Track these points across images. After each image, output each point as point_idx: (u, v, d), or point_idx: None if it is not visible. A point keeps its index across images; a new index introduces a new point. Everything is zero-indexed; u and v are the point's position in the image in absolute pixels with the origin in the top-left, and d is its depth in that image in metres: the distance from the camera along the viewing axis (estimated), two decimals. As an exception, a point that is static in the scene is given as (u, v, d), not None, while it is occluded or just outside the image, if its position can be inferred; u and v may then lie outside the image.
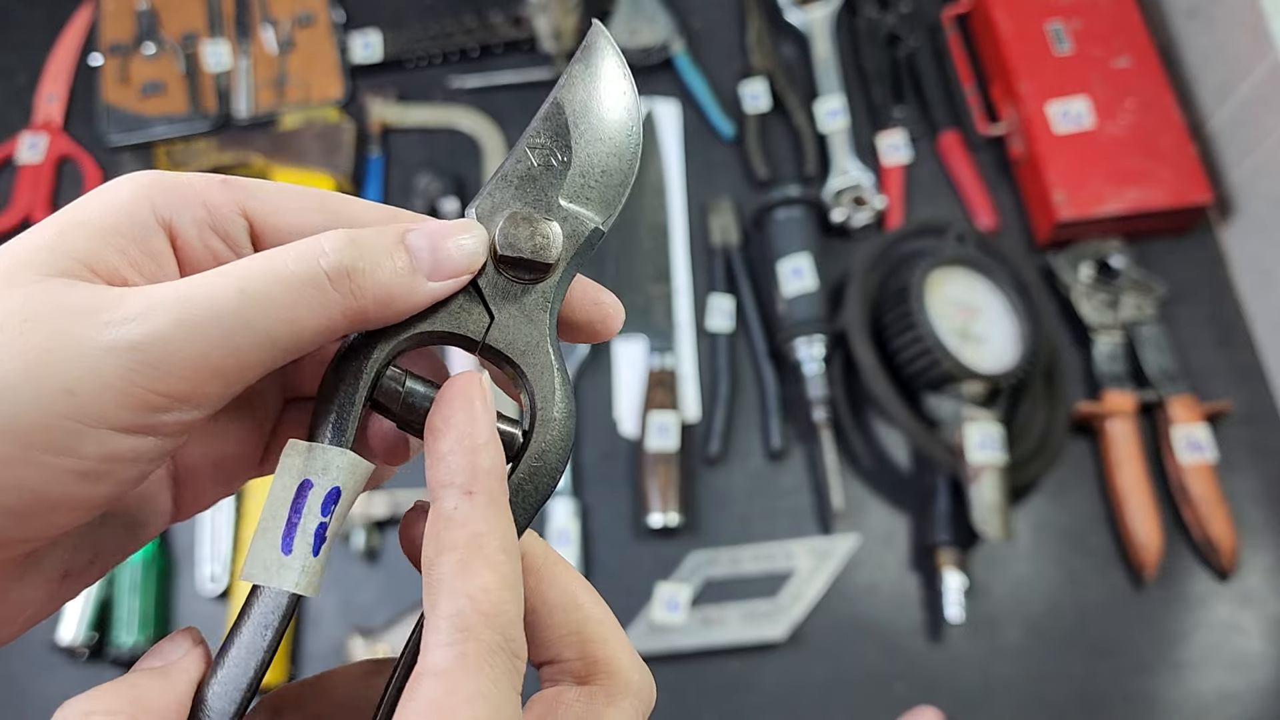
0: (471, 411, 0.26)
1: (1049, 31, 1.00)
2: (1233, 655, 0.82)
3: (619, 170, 0.31)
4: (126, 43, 1.08)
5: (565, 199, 0.30)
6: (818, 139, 1.02)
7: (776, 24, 1.08)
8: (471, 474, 0.25)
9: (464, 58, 1.08)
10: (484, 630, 0.24)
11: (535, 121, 0.31)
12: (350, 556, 0.87)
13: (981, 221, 0.98)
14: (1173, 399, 0.87)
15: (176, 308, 0.23)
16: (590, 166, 0.30)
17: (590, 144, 0.30)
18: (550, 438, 0.28)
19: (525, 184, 0.30)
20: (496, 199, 0.29)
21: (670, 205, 1.00)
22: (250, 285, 0.24)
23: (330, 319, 0.25)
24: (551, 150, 0.30)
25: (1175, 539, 0.85)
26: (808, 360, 0.89)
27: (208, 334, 0.23)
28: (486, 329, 0.28)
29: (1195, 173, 0.93)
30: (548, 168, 0.30)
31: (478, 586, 0.24)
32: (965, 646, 0.83)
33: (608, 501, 0.89)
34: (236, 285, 0.24)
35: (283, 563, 0.25)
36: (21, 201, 1.01)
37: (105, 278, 0.24)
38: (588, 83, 0.31)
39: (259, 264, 0.24)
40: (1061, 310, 0.94)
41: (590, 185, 0.30)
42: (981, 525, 0.80)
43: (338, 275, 0.25)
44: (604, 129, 0.31)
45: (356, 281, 0.25)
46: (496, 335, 0.28)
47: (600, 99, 0.31)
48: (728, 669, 0.83)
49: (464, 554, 0.24)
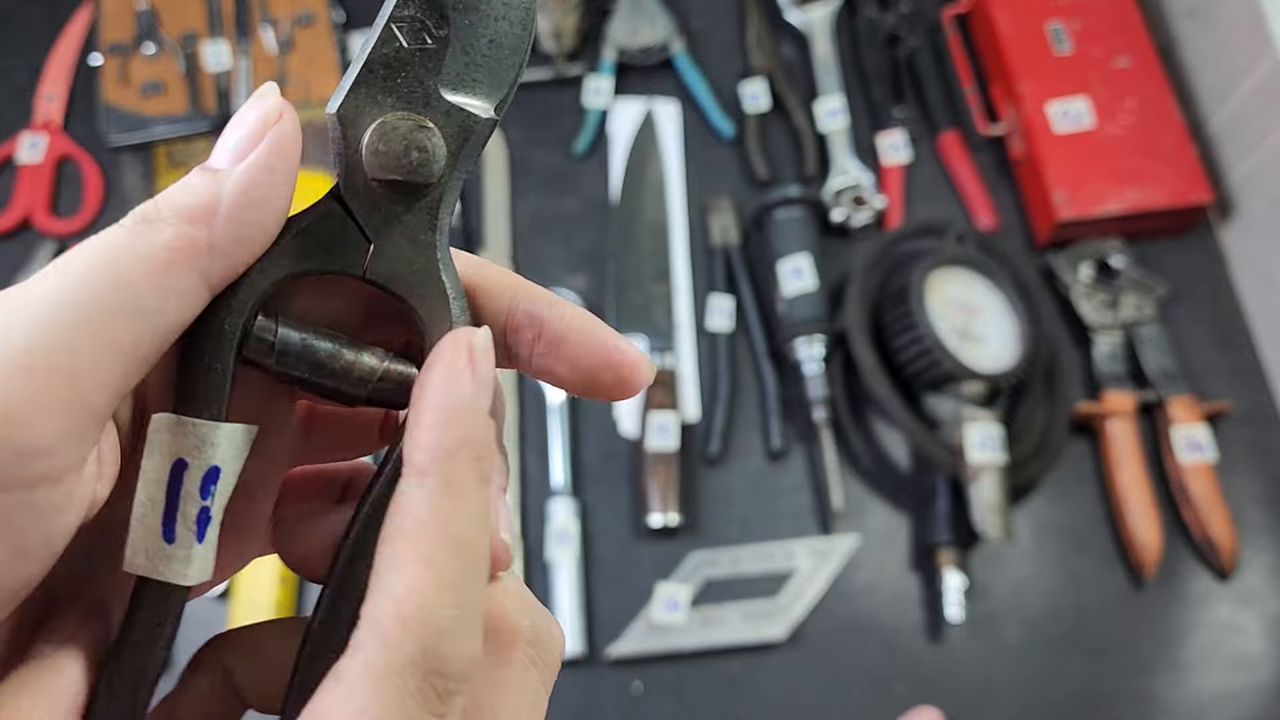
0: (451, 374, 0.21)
1: (1049, 31, 1.00)
2: (1232, 655, 0.82)
3: (510, 34, 0.25)
4: (126, 43, 1.08)
5: (447, 88, 0.24)
6: (817, 139, 1.02)
7: (776, 24, 1.08)
8: (432, 452, 0.21)
9: (464, 58, 1.08)
10: (400, 639, 0.19)
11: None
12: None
13: (981, 221, 0.98)
14: (1172, 399, 0.87)
15: None
16: (474, 38, 0.25)
17: (472, 8, 0.24)
18: None
19: (394, 72, 0.24)
20: (362, 97, 0.24)
21: (670, 205, 1.00)
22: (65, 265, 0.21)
23: (157, 261, 0.21)
24: (423, 22, 0.24)
25: (1175, 539, 0.85)
26: (808, 360, 0.89)
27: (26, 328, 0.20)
28: (367, 257, 0.24)
29: (1195, 173, 0.93)
30: (421, 48, 0.24)
31: (404, 585, 0.20)
32: (965, 646, 0.83)
33: (608, 501, 0.89)
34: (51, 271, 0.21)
35: (167, 552, 0.22)
36: (21, 201, 1.01)
37: None
38: None
39: (71, 253, 0.21)
40: (1061, 310, 0.94)
41: (476, 64, 0.25)
42: (981, 525, 0.80)
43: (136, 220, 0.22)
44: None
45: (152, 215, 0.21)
46: (377, 266, 0.24)
47: None
48: (728, 669, 0.83)
49: (402, 546, 0.20)
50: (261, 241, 0.23)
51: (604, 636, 0.84)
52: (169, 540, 0.22)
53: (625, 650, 0.83)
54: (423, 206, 0.24)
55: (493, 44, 0.25)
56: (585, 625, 0.83)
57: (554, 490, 0.88)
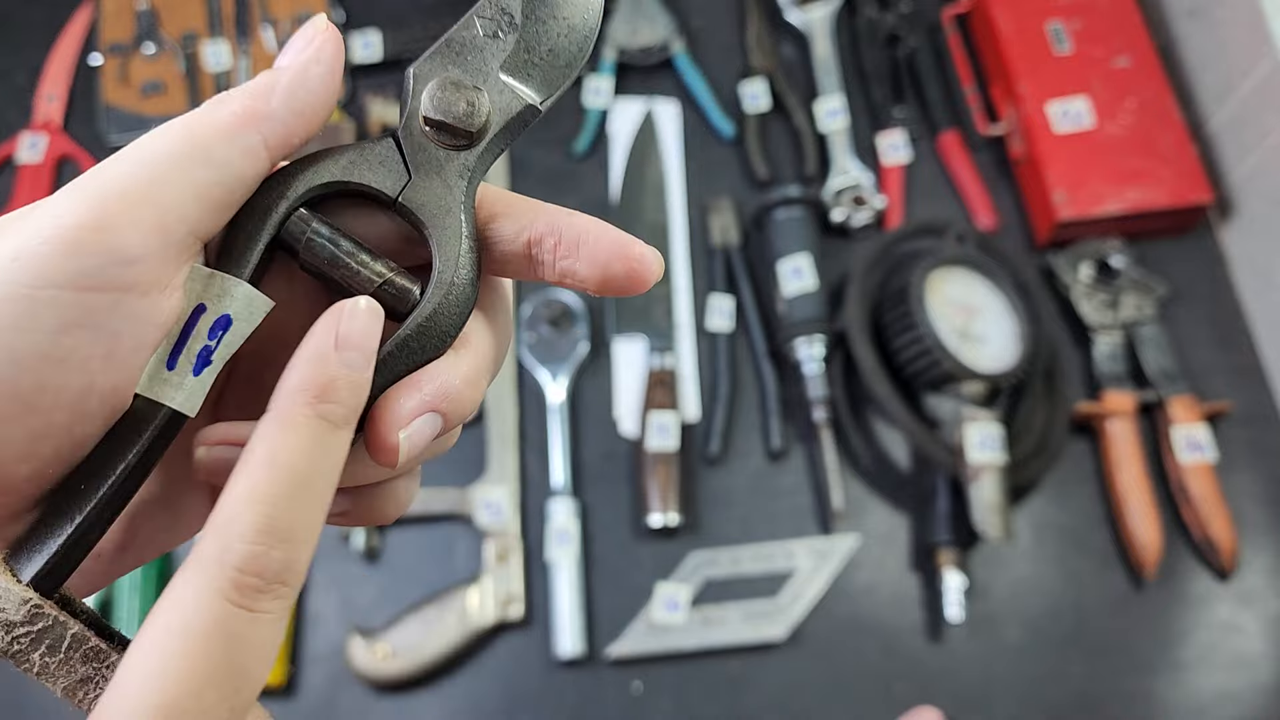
0: (317, 333, 0.25)
1: (1049, 31, 1.00)
2: (1232, 655, 0.82)
3: (567, 51, 0.30)
4: (126, 43, 1.08)
5: (505, 72, 0.29)
6: (817, 139, 1.02)
7: (776, 24, 1.08)
8: (278, 394, 0.24)
9: (464, 58, 1.08)
10: (203, 541, 0.23)
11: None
12: (350, 556, 0.87)
13: (981, 221, 0.98)
14: (1172, 399, 0.87)
15: None
16: (537, 43, 0.29)
17: (542, 20, 0.29)
18: (447, 300, 0.28)
19: (466, 52, 0.29)
20: (435, 63, 0.29)
21: (670, 205, 1.00)
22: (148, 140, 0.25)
23: (225, 124, 0.25)
24: (498, 22, 0.29)
25: (1175, 539, 0.85)
26: (808, 360, 0.89)
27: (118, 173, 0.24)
28: (403, 188, 0.28)
29: (1195, 173, 0.93)
30: (493, 37, 0.29)
31: (223, 499, 0.23)
32: (965, 646, 0.83)
33: (608, 501, 0.89)
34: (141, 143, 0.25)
35: (164, 377, 0.25)
36: (21, 201, 1.01)
37: None
38: None
39: None
40: (1061, 310, 0.94)
41: (534, 62, 0.29)
42: (981, 525, 0.80)
43: (210, 104, 0.26)
44: (559, 6, 0.30)
45: (223, 99, 0.26)
46: (410, 195, 0.28)
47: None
48: (728, 669, 0.83)
49: (236, 471, 0.23)
50: (312, 115, 0.27)
51: (604, 636, 0.84)
52: (170, 367, 0.25)
53: (625, 650, 0.83)
54: (461, 159, 0.28)
55: (551, 52, 0.29)
56: (585, 625, 0.83)
57: (554, 490, 0.88)
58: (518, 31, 0.29)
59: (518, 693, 0.83)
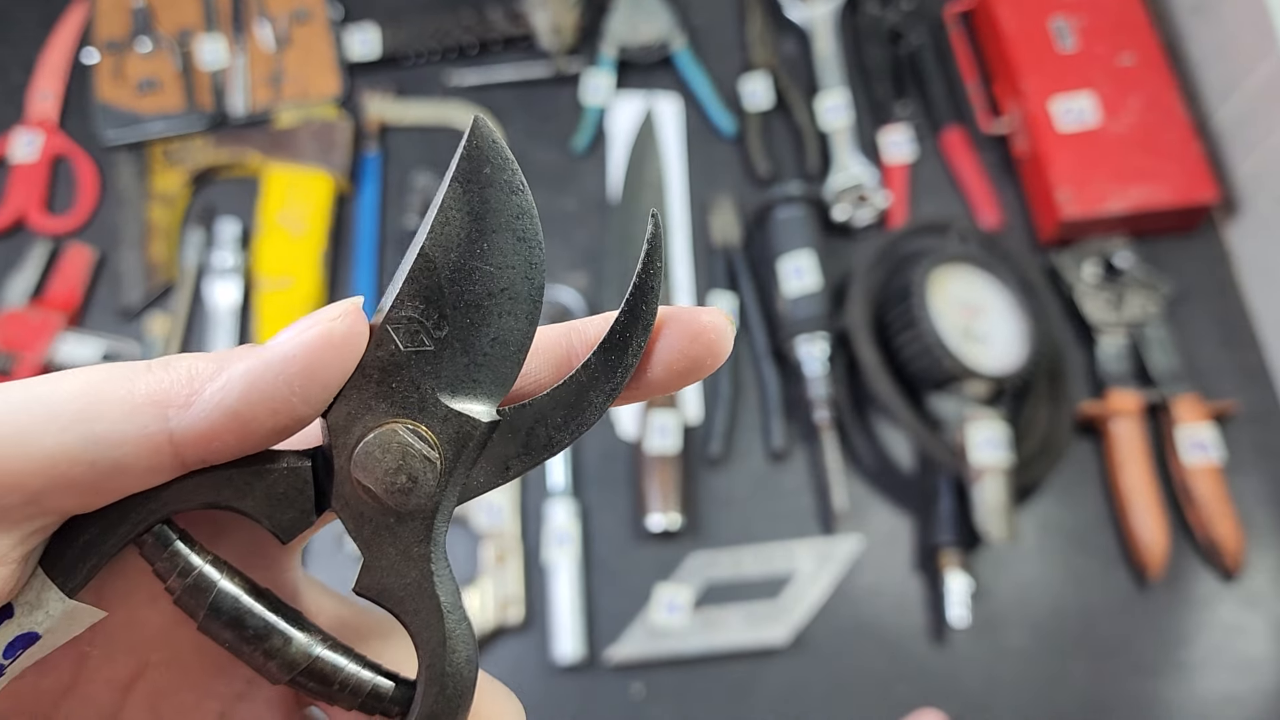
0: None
1: (1053, 28, 0.99)
2: (1237, 657, 0.81)
3: (516, 330, 0.23)
4: (121, 39, 1.07)
5: (445, 392, 0.23)
6: (819, 136, 1.01)
7: (778, 20, 1.07)
8: None
9: (462, 54, 1.07)
10: None
11: (398, 281, 0.23)
12: (345, 561, 0.86)
13: (985, 219, 0.97)
14: (1178, 399, 0.87)
15: None
16: (476, 337, 0.23)
17: (475, 305, 0.23)
18: (443, 698, 0.23)
19: (389, 376, 0.23)
20: (353, 402, 0.22)
21: (670, 203, 0.99)
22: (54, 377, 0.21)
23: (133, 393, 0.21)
24: (421, 324, 0.23)
25: (1180, 540, 0.84)
26: (810, 360, 0.88)
27: None
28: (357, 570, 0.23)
29: (1200, 170, 0.92)
30: (418, 350, 0.23)
31: None
32: (969, 649, 0.82)
33: (608, 502, 0.88)
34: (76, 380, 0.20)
35: None
36: (15, 200, 1.00)
37: None
38: (466, 216, 0.23)
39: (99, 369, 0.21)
40: (1065, 309, 0.93)
41: (477, 364, 0.23)
42: (984, 526, 0.79)
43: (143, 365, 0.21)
44: (493, 279, 0.23)
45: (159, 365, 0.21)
46: (367, 582, 0.23)
47: (486, 234, 0.23)
48: (730, 673, 0.82)
49: None
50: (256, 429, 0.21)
51: (604, 640, 0.83)
52: None
53: (625, 654, 0.82)
54: (417, 518, 0.23)
55: (496, 342, 0.23)
56: (585, 628, 0.83)
57: (553, 491, 0.87)
58: (447, 327, 0.23)
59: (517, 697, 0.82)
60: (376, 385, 0.23)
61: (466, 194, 0.23)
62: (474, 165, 0.23)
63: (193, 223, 0.99)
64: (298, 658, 0.23)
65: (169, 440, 0.21)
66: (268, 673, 0.23)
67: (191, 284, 0.96)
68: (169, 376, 0.21)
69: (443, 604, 0.23)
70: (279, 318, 0.93)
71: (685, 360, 0.24)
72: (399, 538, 0.23)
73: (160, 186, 1.00)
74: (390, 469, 0.22)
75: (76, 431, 0.20)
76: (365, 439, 0.22)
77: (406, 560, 0.23)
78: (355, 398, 0.22)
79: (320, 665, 0.23)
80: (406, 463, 0.22)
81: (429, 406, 0.23)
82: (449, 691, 0.23)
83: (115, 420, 0.20)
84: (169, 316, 0.95)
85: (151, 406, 0.20)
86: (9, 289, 0.95)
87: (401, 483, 0.22)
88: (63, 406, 0.20)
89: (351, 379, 0.22)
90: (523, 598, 0.84)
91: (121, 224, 0.99)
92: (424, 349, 0.23)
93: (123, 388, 0.20)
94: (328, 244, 0.98)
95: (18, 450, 0.20)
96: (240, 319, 0.95)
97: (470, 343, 0.23)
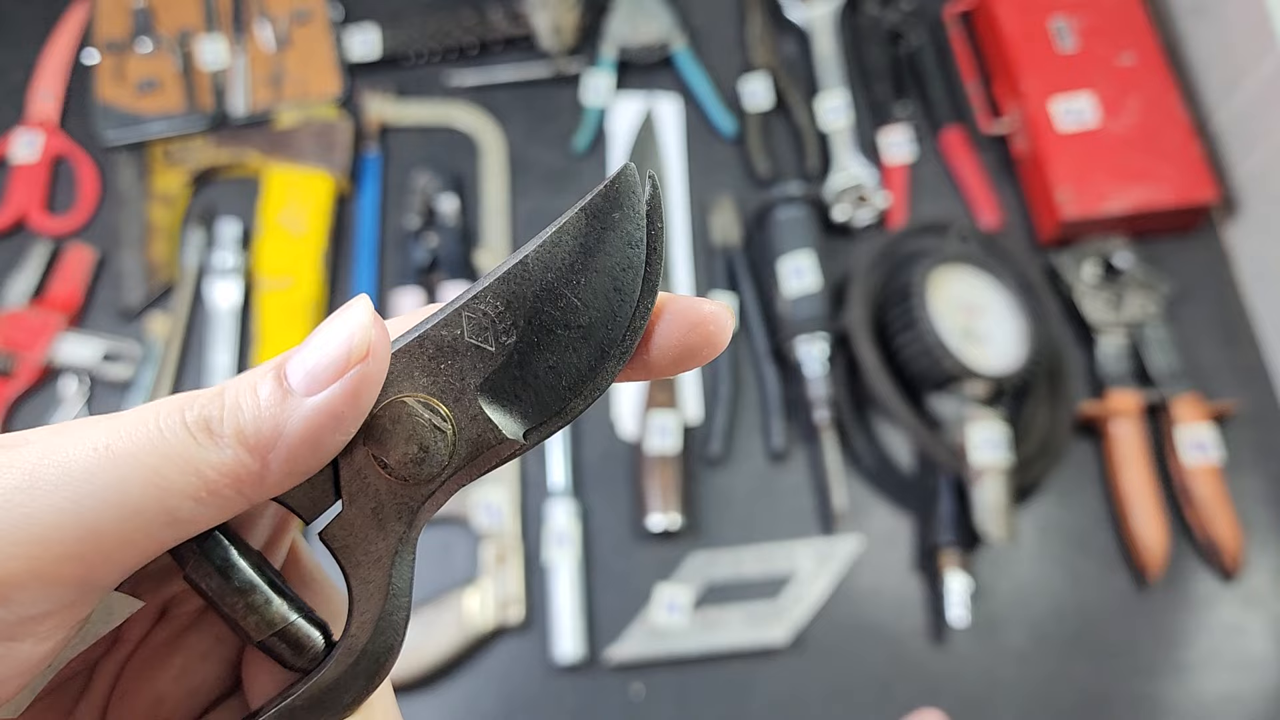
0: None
1: (1052, 28, 0.99)
2: (1237, 657, 0.81)
3: (574, 369, 0.23)
4: (122, 39, 1.07)
5: (485, 394, 0.23)
6: (819, 137, 1.01)
7: (778, 20, 1.08)
8: None
9: (463, 55, 1.07)
10: None
11: (490, 276, 0.23)
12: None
13: (985, 219, 0.97)
14: (1177, 399, 0.87)
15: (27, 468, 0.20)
16: (535, 359, 0.23)
17: (548, 329, 0.23)
18: (343, 670, 0.23)
19: (443, 356, 0.23)
20: (400, 365, 0.23)
21: (670, 203, 0.99)
22: (114, 442, 0.20)
23: (206, 480, 0.21)
24: (493, 323, 0.23)
25: (1180, 540, 0.84)
26: (810, 360, 0.88)
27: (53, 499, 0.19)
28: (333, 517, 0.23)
29: (1200, 171, 0.92)
30: (479, 346, 0.23)
31: None
32: (969, 649, 0.82)
33: (608, 502, 0.88)
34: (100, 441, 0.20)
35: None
36: (16, 200, 1.00)
37: None
38: (579, 247, 0.23)
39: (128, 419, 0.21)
40: (1065, 309, 0.93)
41: (526, 383, 0.23)
42: (984, 527, 0.79)
43: (199, 425, 0.21)
44: (577, 314, 0.23)
45: (215, 428, 0.21)
46: (335, 530, 0.23)
47: (588, 271, 0.23)
48: (729, 673, 0.82)
49: None
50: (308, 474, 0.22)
51: (604, 640, 0.83)
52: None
53: (625, 654, 0.82)
54: (405, 496, 0.23)
55: (552, 371, 0.23)
56: (585, 628, 0.83)
57: (553, 491, 0.87)
58: (515, 336, 0.23)
59: (517, 697, 0.82)
60: (428, 360, 0.23)
61: (588, 227, 0.23)
62: (606, 205, 0.24)
63: (193, 223, 0.99)
64: (276, 619, 0.23)
65: (246, 502, 0.22)
66: (245, 629, 0.23)
67: (192, 284, 0.96)
68: (235, 457, 0.21)
69: (392, 584, 0.23)
70: (279, 318, 0.93)
71: (682, 347, 0.24)
72: (382, 509, 0.23)
73: (161, 187, 1.00)
74: (403, 436, 0.23)
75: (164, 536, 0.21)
76: (388, 402, 0.23)
77: (379, 531, 0.23)
78: (403, 362, 0.23)
79: (295, 630, 0.23)
80: (422, 435, 0.23)
81: (465, 400, 0.23)
82: (360, 668, 0.23)
83: (194, 510, 0.21)
84: (169, 317, 0.95)
85: (228, 489, 0.21)
86: (9, 289, 0.95)
87: (410, 453, 0.23)
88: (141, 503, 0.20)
89: (409, 344, 0.23)
90: (523, 598, 0.84)
91: (122, 224, 0.99)
92: (485, 347, 0.23)
93: (192, 479, 0.21)
94: (328, 244, 0.98)
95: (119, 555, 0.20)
96: (241, 319, 0.95)
97: (528, 361, 0.23)
